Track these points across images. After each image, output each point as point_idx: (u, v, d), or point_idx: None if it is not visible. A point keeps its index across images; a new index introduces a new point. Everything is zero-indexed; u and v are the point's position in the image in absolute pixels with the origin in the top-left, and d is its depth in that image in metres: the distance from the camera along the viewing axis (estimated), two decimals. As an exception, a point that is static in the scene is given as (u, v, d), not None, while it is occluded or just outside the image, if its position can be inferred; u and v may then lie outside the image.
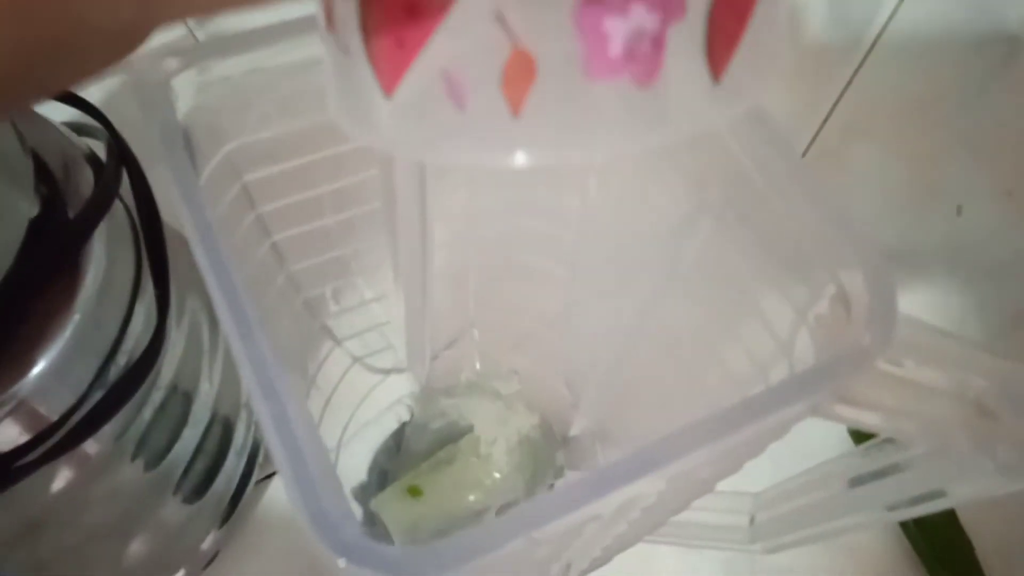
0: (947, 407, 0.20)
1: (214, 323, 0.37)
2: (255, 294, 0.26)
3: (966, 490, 0.22)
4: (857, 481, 0.27)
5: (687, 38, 0.12)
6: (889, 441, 0.26)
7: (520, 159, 0.13)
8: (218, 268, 0.18)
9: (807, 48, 0.48)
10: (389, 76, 0.13)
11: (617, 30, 0.12)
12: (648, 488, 0.17)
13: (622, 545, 0.27)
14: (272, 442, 0.16)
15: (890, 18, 0.42)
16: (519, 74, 0.12)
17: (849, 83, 0.46)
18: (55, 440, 0.27)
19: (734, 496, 0.31)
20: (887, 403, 0.20)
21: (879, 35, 0.43)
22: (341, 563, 0.15)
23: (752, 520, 0.30)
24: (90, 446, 0.30)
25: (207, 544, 0.39)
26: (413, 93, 0.13)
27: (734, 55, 0.13)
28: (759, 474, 0.32)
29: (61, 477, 0.30)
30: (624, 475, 0.17)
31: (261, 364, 0.17)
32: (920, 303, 0.42)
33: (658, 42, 0.12)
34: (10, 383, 0.26)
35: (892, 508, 0.26)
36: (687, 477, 0.20)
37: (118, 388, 0.29)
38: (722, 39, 0.13)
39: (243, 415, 0.39)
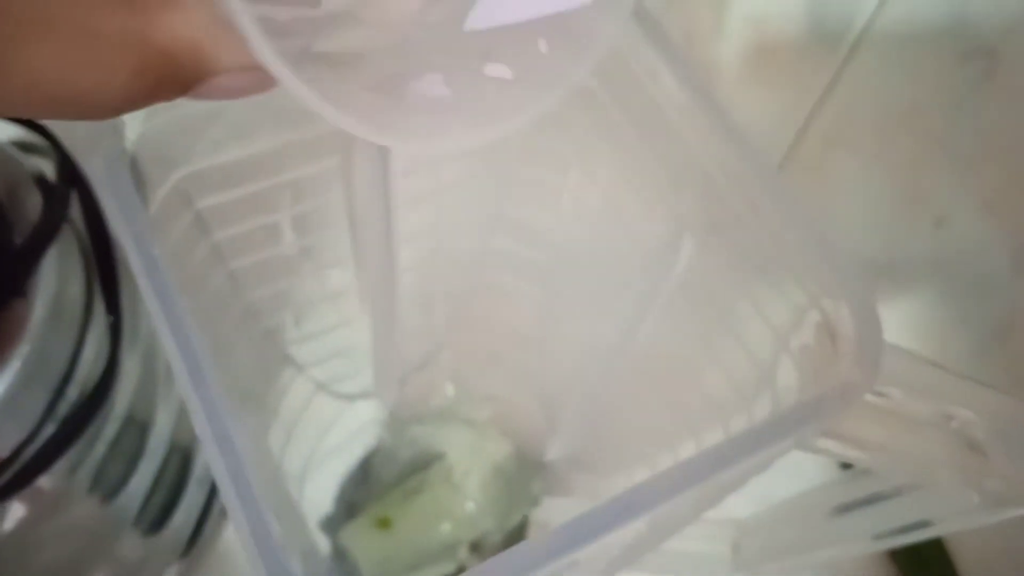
0: (933, 441, 0.19)
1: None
2: (210, 325, 0.25)
3: (952, 521, 0.22)
4: (842, 509, 0.26)
5: None
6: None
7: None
8: (166, 305, 0.17)
9: (783, 58, 0.48)
10: None
11: None
12: (628, 531, 0.16)
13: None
14: (226, 495, 0.15)
15: (866, 27, 0.41)
16: None
17: (827, 92, 0.45)
18: (6, 478, 0.26)
19: (717, 524, 0.30)
20: (872, 437, 0.20)
21: (855, 45, 0.43)
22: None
23: (736, 548, 0.30)
24: (43, 481, 0.29)
25: (176, 568, 0.38)
26: None
27: None
28: (743, 501, 0.31)
29: (13, 516, 0.28)
30: (604, 523, 0.16)
31: (213, 412, 0.15)
32: (901, 315, 0.42)
33: None
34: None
35: (877, 537, 0.25)
36: (669, 516, 0.19)
37: (70, 422, 0.28)
38: None
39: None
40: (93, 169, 0.18)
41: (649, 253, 0.27)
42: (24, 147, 0.29)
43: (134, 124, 0.19)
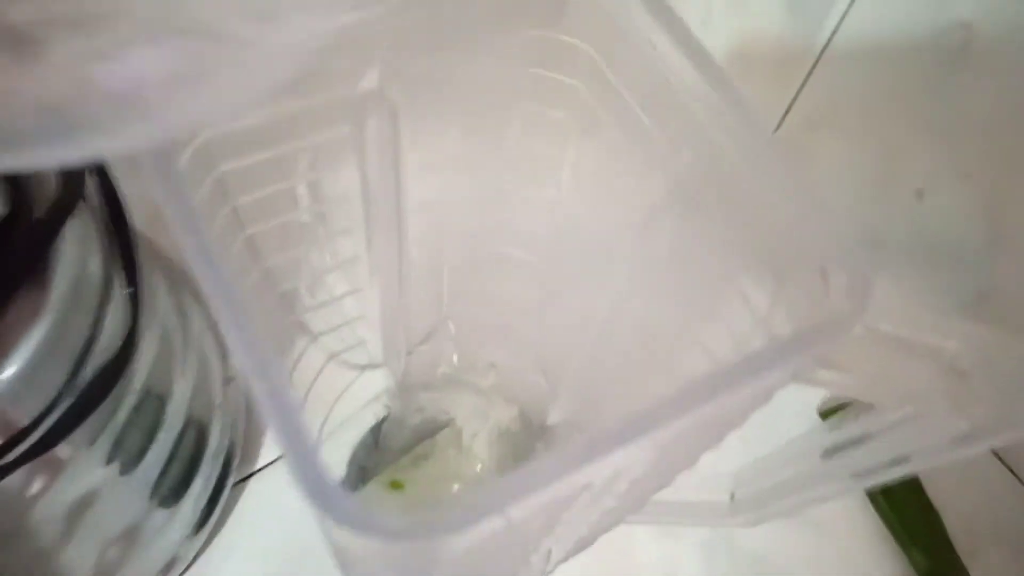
0: (923, 371, 0.21)
1: (186, 326, 0.37)
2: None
3: (932, 455, 0.23)
4: (830, 452, 0.28)
5: None
6: (855, 414, 0.27)
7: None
8: (204, 249, 0.18)
9: (766, 45, 0.49)
10: None
11: None
12: (639, 455, 0.18)
13: (608, 524, 0.27)
14: (273, 419, 0.16)
15: (847, 10, 0.43)
16: None
17: (809, 76, 0.47)
18: (25, 446, 0.27)
19: (716, 477, 0.32)
20: (866, 368, 0.21)
21: (837, 27, 0.44)
22: (344, 532, 0.15)
23: (732, 496, 0.31)
24: (64, 450, 0.30)
25: (185, 547, 0.39)
26: None
27: None
28: (736, 456, 0.32)
29: (36, 482, 0.29)
30: (618, 438, 0.17)
31: (254, 344, 0.17)
32: (884, 288, 0.43)
33: None
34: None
35: (860, 475, 0.26)
36: (675, 446, 0.20)
37: (90, 391, 0.29)
38: None
39: (217, 418, 0.39)
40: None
41: (644, 219, 0.29)
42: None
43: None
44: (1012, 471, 0.47)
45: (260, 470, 0.42)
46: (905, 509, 0.44)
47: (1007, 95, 0.39)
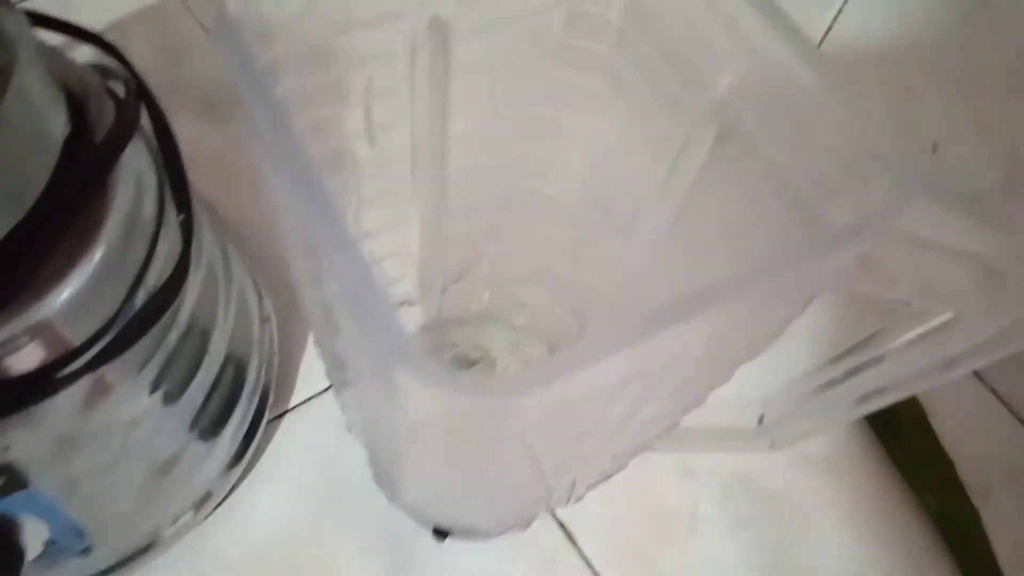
0: (961, 274, 0.22)
1: (227, 265, 0.38)
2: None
3: (969, 360, 0.24)
4: (851, 373, 0.29)
5: None
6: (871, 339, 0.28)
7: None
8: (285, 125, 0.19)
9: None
10: None
11: None
12: (697, 334, 0.19)
13: (642, 441, 0.29)
14: (351, 283, 0.17)
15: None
16: None
17: (829, 29, 0.48)
18: (84, 360, 0.28)
19: (747, 405, 0.33)
20: (906, 273, 0.22)
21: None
22: (422, 391, 0.16)
23: (760, 420, 0.32)
24: (114, 374, 0.31)
25: (219, 482, 0.40)
26: None
27: None
28: (762, 386, 0.33)
29: (90, 400, 0.30)
30: (681, 312, 0.18)
31: (329, 209, 0.18)
32: (923, 196, 0.45)
33: None
34: (40, 304, 0.27)
35: (887, 389, 0.28)
36: (727, 335, 0.21)
37: (145, 312, 0.30)
38: None
39: (254, 355, 0.40)
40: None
41: (678, 149, 0.30)
42: (101, 71, 0.31)
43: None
44: (1020, 419, 0.49)
45: (293, 409, 0.43)
46: (917, 453, 0.45)
47: (1025, 47, 0.40)
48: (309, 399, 0.44)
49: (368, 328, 0.17)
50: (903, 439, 0.46)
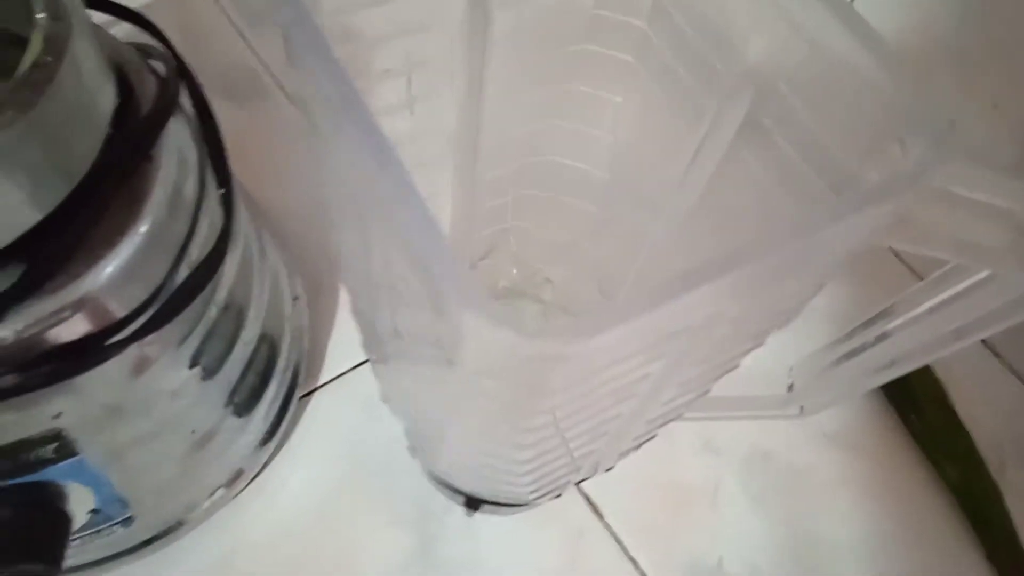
0: (996, 230, 0.23)
1: (261, 244, 0.39)
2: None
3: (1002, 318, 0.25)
4: (880, 338, 0.30)
5: None
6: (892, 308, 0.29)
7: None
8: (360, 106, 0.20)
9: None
10: None
11: None
12: (733, 293, 0.19)
13: (681, 403, 0.29)
14: (420, 232, 0.17)
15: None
16: None
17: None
18: (139, 324, 0.29)
19: (769, 374, 0.34)
20: (942, 229, 0.23)
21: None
22: (484, 331, 0.17)
23: (790, 388, 0.33)
24: (154, 348, 0.32)
25: (251, 459, 0.40)
26: None
27: None
28: (791, 354, 0.34)
29: (135, 370, 0.31)
30: (724, 266, 0.19)
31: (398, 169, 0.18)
32: (959, 153, 0.46)
33: None
34: (89, 275, 0.27)
35: (922, 349, 0.28)
36: (761, 296, 0.22)
37: (188, 284, 0.30)
38: None
39: (286, 333, 0.41)
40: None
41: (710, 121, 0.30)
42: (141, 49, 0.32)
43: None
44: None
45: (322, 386, 0.44)
46: (936, 427, 0.46)
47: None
48: (337, 377, 0.44)
49: (434, 277, 0.18)
50: (922, 413, 0.46)
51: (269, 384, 0.40)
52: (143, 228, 0.28)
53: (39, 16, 0.23)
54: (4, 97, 0.22)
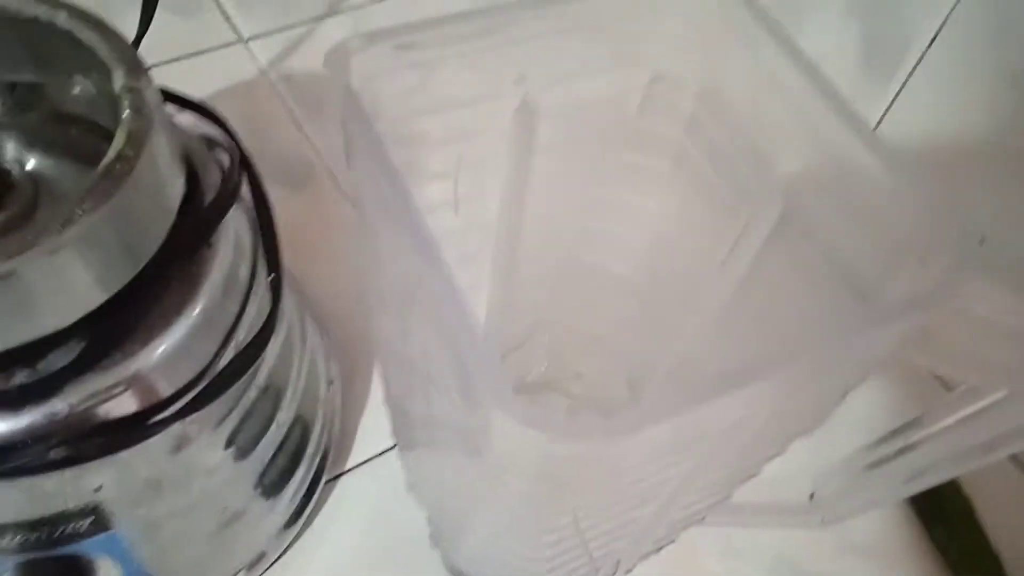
0: (1015, 351, 0.23)
1: (303, 329, 0.40)
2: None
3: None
4: (901, 452, 0.30)
5: None
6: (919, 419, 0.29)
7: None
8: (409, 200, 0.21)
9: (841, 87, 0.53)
10: None
11: None
12: (761, 400, 0.20)
13: (701, 507, 0.30)
14: (459, 326, 0.19)
15: (921, 58, 0.46)
16: None
17: (885, 114, 0.50)
18: (183, 403, 0.30)
19: (790, 479, 0.34)
20: (961, 348, 0.23)
21: (910, 74, 0.48)
22: (512, 428, 0.18)
23: (812, 496, 0.33)
24: (197, 425, 0.33)
25: (275, 542, 0.41)
26: None
27: None
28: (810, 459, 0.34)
29: (176, 446, 0.32)
30: (747, 375, 0.20)
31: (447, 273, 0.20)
32: (979, 274, 0.46)
33: None
34: (141, 354, 0.29)
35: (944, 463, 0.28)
36: (786, 404, 0.23)
37: (232, 367, 0.31)
38: None
39: (319, 416, 0.42)
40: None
41: (746, 221, 0.31)
42: (206, 139, 0.34)
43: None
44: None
45: (349, 471, 0.44)
46: (963, 544, 0.45)
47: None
48: (364, 462, 0.45)
49: (467, 371, 0.19)
50: (948, 527, 0.46)
51: (299, 467, 0.40)
52: (198, 310, 0.30)
53: (125, 114, 0.25)
54: (87, 187, 0.24)
